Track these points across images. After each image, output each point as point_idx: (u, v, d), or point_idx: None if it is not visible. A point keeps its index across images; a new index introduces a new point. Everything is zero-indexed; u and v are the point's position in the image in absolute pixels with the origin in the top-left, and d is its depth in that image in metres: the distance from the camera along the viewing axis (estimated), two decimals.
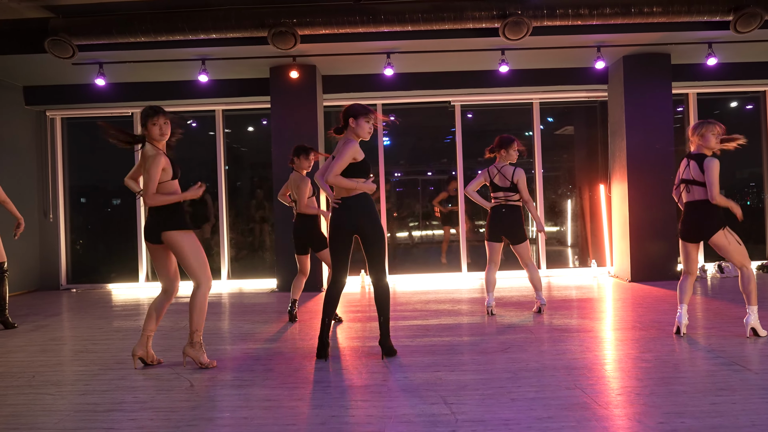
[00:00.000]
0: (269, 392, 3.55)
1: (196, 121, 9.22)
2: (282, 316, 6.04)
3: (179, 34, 6.37)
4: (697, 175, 4.49)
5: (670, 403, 3.13)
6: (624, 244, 7.84)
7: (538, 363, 3.98)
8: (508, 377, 3.69)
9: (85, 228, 9.16)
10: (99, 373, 4.10)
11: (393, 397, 3.40)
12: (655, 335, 4.69)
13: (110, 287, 8.72)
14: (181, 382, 3.81)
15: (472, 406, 3.18)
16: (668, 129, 7.70)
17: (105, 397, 3.54)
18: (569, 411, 3.06)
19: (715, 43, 7.21)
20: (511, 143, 5.61)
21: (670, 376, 3.61)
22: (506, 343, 4.57)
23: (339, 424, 2.99)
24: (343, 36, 6.77)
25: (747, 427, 2.77)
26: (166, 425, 3.05)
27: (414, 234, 9.61)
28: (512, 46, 6.96)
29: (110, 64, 7.34)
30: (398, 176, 9.63)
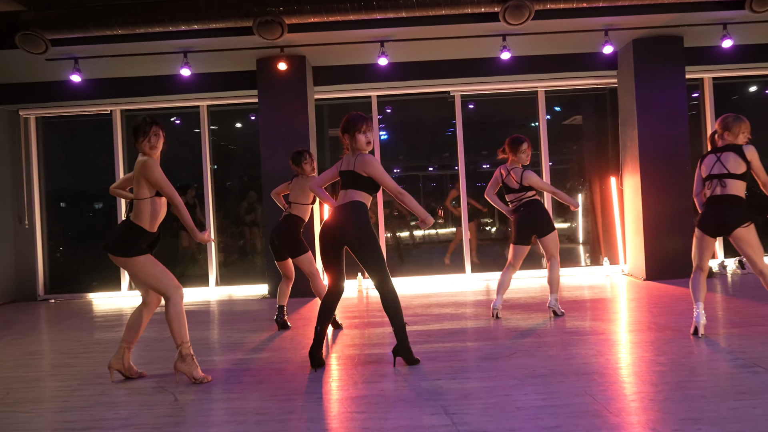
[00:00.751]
0: (259, 405, 3.55)
1: (180, 118, 9.22)
2: (274, 324, 6.03)
3: (159, 26, 6.36)
4: (733, 167, 4.47)
5: (686, 409, 3.12)
6: (638, 240, 7.83)
7: (546, 368, 3.98)
8: (513, 384, 3.68)
9: (64, 234, 9.16)
10: (78, 388, 4.10)
11: (391, 407, 3.40)
12: (670, 337, 4.69)
13: (91, 297, 8.72)
14: (165, 396, 3.81)
15: (474, 416, 3.18)
16: (682, 116, 7.68)
17: (84, 414, 3.54)
18: (579, 419, 3.06)
19: (730, 24, 7.19)
20: (519, 145, 5.65)
21: (686, 379, 3.61)
22: (512, 348, 4.57)
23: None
24: (333, 24, 6.76)
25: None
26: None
27: (416, 234, 9.60)
28: (514, 31, 6.95)
29: (86, 59, 7.32)
30: (397, 172, 9.63)
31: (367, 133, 4.20)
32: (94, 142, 9.05)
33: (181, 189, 8.89)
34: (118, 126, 8.74)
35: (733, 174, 4.48)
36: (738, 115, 4.62)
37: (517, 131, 9.39)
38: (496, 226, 9.69)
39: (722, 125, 4.61)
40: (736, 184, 4.49)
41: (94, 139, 9.02)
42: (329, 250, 4.21)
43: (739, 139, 4.56)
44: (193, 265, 8.99)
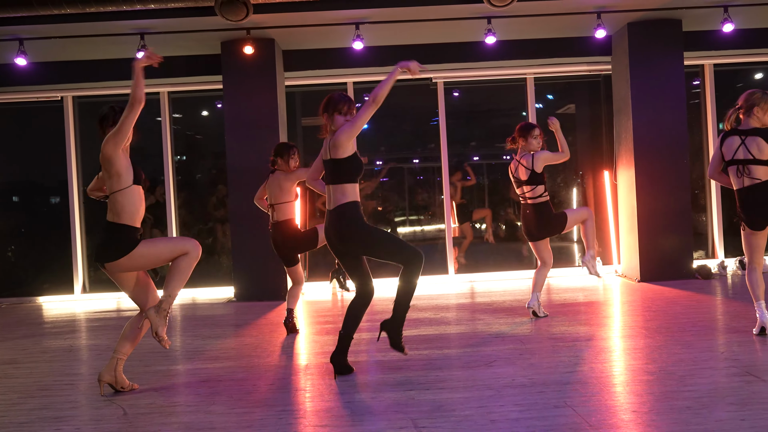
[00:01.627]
0: (214, 419, 3.54)
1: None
2: (239, 330, 6.01)
3: (111, 5, 6.30)
4: (758, 153, 4.54)
5: (671, 421, 3.16)
6: (632, 239, 7.90)
7: (526, 378, 4.01)
8: (490, 395, 3.71)
9: (14, 231, 9.04)
10: (18, 402, 4.06)
11: (356, 421, 3.41)
12: (661, 343, 4.74)
13: (41, 301, 8.63)
14: (113, 410, 3.79)
15: (445, 430, 3.19)
16: (681, 105, 7.76)
17: (22, 430, 3.51)
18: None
19: (731, 6, 7.26)
20: (531, 130, 5.75)
21: (674, 390, 3.65)
22: (492, 356, 4.59)
23: None
24: (304, 5, 6.74)
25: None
26: None
27: (399, 231, 9.60)
28: (499, 13, 6.97)
29: (33, 40, 7.24)
30: (380, 164, 9.62)
31: (347, 115, 4.20)
32: (46, 131, 8.95)
33: (150, 186, 8.84)
34: (70, 113, 8.64)
35: (759, 160, 4.54)
36: (766, 90, 4.64)
37: (505, 121, 9.52)
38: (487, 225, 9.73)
39: (749, 101, 4.61)
40: (761, 170, 4.56)
41: (46, 127, 8.92)
42: (343, 258, 4.29)
43: (766, 118, 4.59)
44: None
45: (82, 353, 5.50)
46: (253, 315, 6.83)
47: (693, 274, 7.75)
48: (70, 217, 8.66)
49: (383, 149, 9.81)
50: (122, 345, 4.09)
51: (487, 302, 6.95)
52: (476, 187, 9.59)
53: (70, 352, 5.51)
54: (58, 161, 8.66)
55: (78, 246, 8.66)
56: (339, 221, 4.16)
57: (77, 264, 8.66)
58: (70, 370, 4.83)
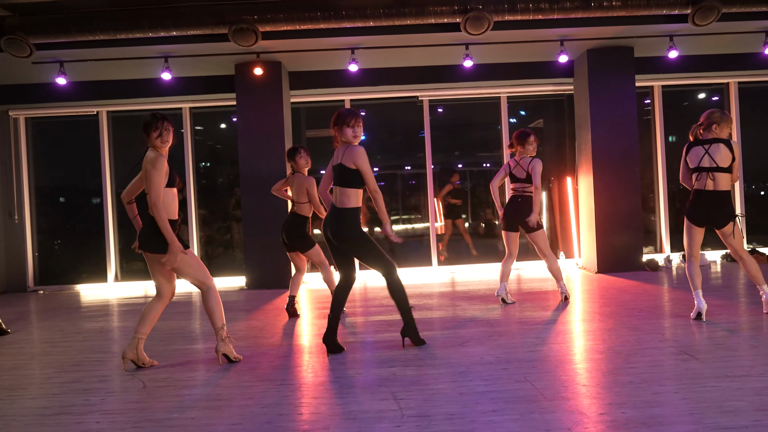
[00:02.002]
0: (222, 391, 3.55)
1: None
2: (248, 315, 6.01)
3: (139, 32, 6.29)
4: (721, 161, 4.61)
5: (614, 394, 3.17)
6: (590, 236, 7.92)
7: (493, 357, 4.01)
8: (460, 371, 3.71)
9: (53, 228, 9.03)
10: (53, 376, 4.06)
11: (344, 393, 3.41)
12: (612, 326, 4.75)
13: (78, 288, 8.62)
14: (134, 383, 3.79)
15: (420, 402, 3.20)
16: (632, 122, 7.77)
17: (55, 401, 3.51)
18: (515, 404, 3.09)
19: (676, 36, 7.28)
20: (527, 137, 5.72)
21: (619, 366, 3.66)
22: (465, 338, 4.60)
23: (285, 422, 3.00)
24: (306, 32, 6.74)
25: (684, 416, 2.83)
26: (111, 427, 3.04)
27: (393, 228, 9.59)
28: (475, 40, 6.98)
29: (71, 62, 7.23)
30: (377, 171, 9.60)
31: (355, 127, 4.19)
32: (82, 142, 8.93)
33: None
34: (105, 126, 8.64)
35: (721, 168, 4.60)
36: (723, 110, 4.79)
37: (483, 134, 9.53)
38: (469, 222, 9.71)
39: (710, 119, 4.69)
40: (724, 178, 4.63)
41: (82, 138, 8.90)
42: (332, 248, 4.30)
43: (724, 133, 4.66)
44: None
45: (113, 334, 5.49)
46: (261, 301, 6.83)
47: (643, 267, 7.77)
48: (104, 215, 8.66)
49: (379, 157, 9.80)
50: (142, 325, 4.09)
51: (465, 290, 6.96)
52: (462, 191, 9.60)
53: (101, 332, 5.51)
54: (89, 167, 8.66)
55: (111, 240, 8.65)
56: (338, 221, 4.16)
57: (110, 256, 8.65)
58: (100, 349, 4.83)
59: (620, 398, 3.11)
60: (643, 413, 2.88)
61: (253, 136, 7.65)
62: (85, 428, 3.04)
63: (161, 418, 3.13)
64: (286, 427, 2.93)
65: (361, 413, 3.07)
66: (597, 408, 2.99)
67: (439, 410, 3.06)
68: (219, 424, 3.02)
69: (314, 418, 3.05)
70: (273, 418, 3.07)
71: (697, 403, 2.97)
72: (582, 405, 3.04)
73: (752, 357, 3.73)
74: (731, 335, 4.30)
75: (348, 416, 3.04)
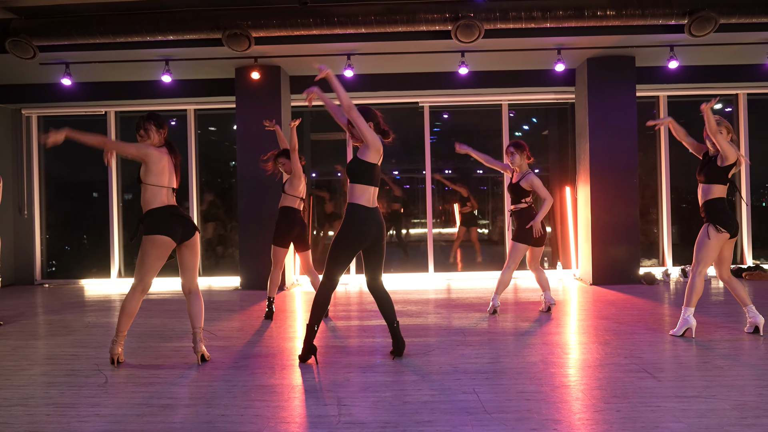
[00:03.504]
0: (176, 390, 3.62)
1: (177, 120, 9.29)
2: (231, 315, 6.10)
3: (137, 36, 6.45)
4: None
5: (555, 411, 3.15)
6: (587, 247, 7.82)
7: (451, 366, 4.01)
8: (413, 380, 3.72)
9: (61, 224, 9.29)
10: (26, 368, 4.19)
11: (291, 397, 3.45)
12: (584, 340, 4.70)
13: (83, 283, 8.86)
14: (98, 378, 3.89)
15: (362, 408, 3.22)
16: (632, 132, 7.65)
17: (18, 392, 3.63)
18: (452, 415, 3.09)
19: (677, 46, 7.15)
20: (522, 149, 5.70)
21: (572, 382, 3.62)
22: (432, 346, 4.60)
23: (223, 423, 3.05)
24: (303, 38, 6.81)
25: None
26: (58, 420, 3.13)
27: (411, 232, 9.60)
28: (469, 48, 6.96)
29: (76, 64, 7.45)
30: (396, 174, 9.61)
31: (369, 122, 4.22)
32: None
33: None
34: (113, 126, 8.87)
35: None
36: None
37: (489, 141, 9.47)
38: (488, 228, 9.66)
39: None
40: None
41: None
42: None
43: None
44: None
45: (98, 330, 5.60)
46: (251, 302, 6.92)
47: (639, 280, 7.64)
48: (109, 212, 8.88)
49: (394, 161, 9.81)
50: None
51: (455, 298, 6.94)
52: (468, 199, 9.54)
53: (86, 327, 5.64)
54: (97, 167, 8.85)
55: (115, 236, 8.86)
56: (344, 215, 4.17)
57: (114, 252, 8.86)
58: (80, 344, 4.93)
59: (559, 415, 3.08)
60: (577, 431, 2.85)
61: (252, 139, 7.76)
62: (33, 420, 3.14)
63: (108, 414, 3.22)
64: (223, 428, 2.98)
65: (299, 417, 3.11)
66: (532, 424, 2.96)
67: (376, 418, 3.07)
68: (162, 422, 3.08)
69: (253, 420, 3.10)
70: (213, 418, 3.13)
71: (634, 423, 2.93)
72: (517, 419, 3.02)
73: (710, 378, 3.65)
74: (700, 354, 4.21)
75: (283, 420, 3.08)
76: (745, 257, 8.53)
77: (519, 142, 5.71)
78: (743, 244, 8.56)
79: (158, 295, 7.70)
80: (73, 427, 3.03)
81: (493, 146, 8.95)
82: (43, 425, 3.07)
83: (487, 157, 5.85)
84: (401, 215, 9.38)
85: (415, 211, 9.41)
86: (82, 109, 8.77)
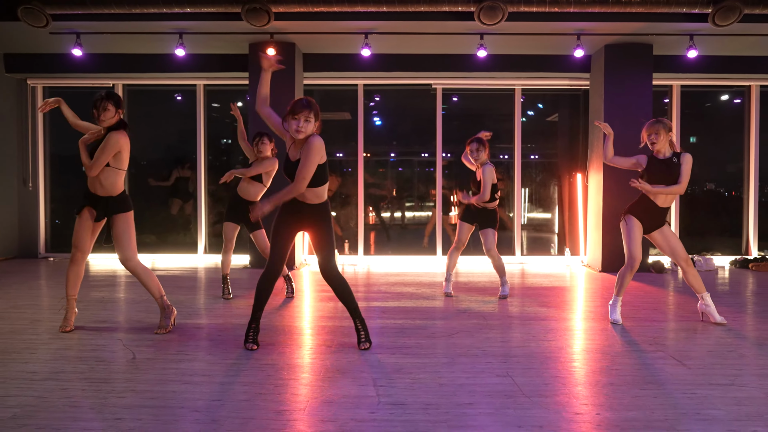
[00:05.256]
0: (207, 367, 3.60)
1: (182, 95, 9.17)
2: (246, 292, 6.08)
3: (153, 7, 6.31)
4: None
5: (593, 395, 3.16)
6: (597, 235, 7.84)
7: (480, 350, 4.02)
8: (444, 362, 3.73)
9: (66, 197, 9.17)
10: (49, 341, 4.16)
11: (326, 377, 3.44)
12: (604, 326, 4.72)
13: (88, 257, 8.75)
14: (125, 354, 3.86)
15: (399, 390, 3.22)
16: (647, 120, 7.60)
17: (45, 366, 3.59)
18: (491, 398, 3.10)
19: (696, 36, 7.12)
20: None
21: (604, 367, 3.65)
22: (456, 329, 4.61)
23: (264, 402, 3.04)
24: (320, 14, 6.71)
25: (659, 421, 2.81)
26: (94, 396, 3.11)
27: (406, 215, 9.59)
28: (489, 30, 6.89)
29: (88, 34, 7.29)
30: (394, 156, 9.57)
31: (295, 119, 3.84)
32: None
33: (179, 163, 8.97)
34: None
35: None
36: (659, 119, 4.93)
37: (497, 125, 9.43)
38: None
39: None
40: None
41: None
42: None
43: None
44: (184, 234, 9.03)
45: (113, 304, 5.58)
46: None
47: (648, 268, 7.69)
48: None
49: (394, 143, 9.76)
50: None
51: (465, 282, 6.95)
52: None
53: (101, 302, 5.61)
54: None
55: None
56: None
57: None
58: (98, 318, 4.91)
59: (598, 399, 3.10)
60: (618, 416, 2.87)
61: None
62: (69, 395, 3.11)
63: (144, 390, 3.20)
64: (264, 407, 2.97)
65: (339, 398, 3.10)
66: (573, 408, 2.98)
67: (416, 399, 3.08)
68: (198, 399, 3.07)
69: (293, 399, 3.09)
70: (252, 396, 3.11)
71: (674, 409, 2.96)
72: (558, 404, 3.04)
73: (740, 366, 3.69)
74: (723, 342, 4.25)
75: (325, 400, 3.07)
76: (750, 249, 8.61)
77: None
78: (749, 235, 8.64)
79: (167, 271, 7.66)
80: (112, 402, 3.01)
81: (505, 131, 8.93)
82: (80, 400, 3.05)
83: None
84: (380, 198, 9.31)
85: (407, 195, 9.40)
86: (89, 81, 8.61)
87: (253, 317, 4.06)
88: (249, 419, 2.81)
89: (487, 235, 5.67)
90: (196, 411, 2.91)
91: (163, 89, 8.91)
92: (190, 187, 8.93)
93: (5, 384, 3.28)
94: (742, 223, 8.75)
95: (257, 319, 4.06)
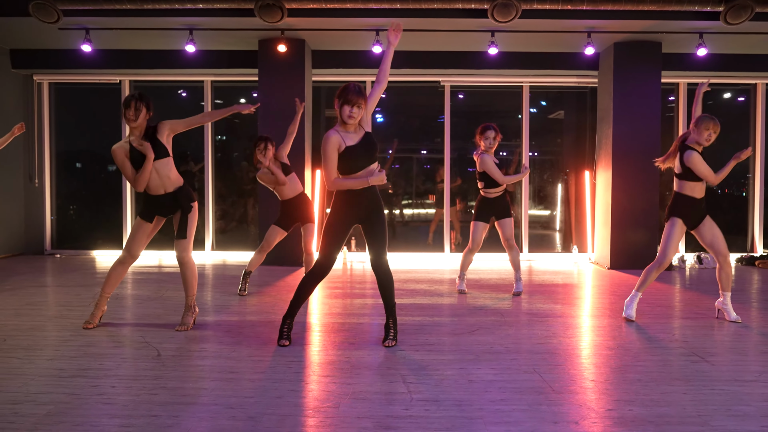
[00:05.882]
0: (234, 364, 3.60)
1: (187, 92, 9.15)
2: (260, 289, 6.08)
3: (165, 3, 6.29)
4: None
5: (622, 391, 3.19)
6: (605, 231, 7.88)
7: (502, 346, 4.04)
8: (470, 359, 3.74)
9: (72, 194, 9.14)
10: (70, 338, 4.15)
11: (354, 374, 3.45)
12: (622, 323, 4.75)
13: (94, 254, 8.74)
14: (148, 351, 3.86)
15: (429, 386, 3.23)
16: (655, 118, 7.68)
17: (72, 363, 3.59)
18: (523, 394, 3.12)
19: (706, 34, 7.16)
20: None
21: (628, 364, 3.67)
22: (475, 326, 4.62)
23: (295, 398, 3.05)
24: (331, 11, 6.70)
25: (692, 417, 2.84)
26: (127, 392, 3.10)
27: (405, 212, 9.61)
28: (502, 28, 6.90)
29: (97, 30, 7.25)
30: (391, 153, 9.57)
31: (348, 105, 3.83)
32: (104, 110, 8.99)
33: (193, 161, 8.94)
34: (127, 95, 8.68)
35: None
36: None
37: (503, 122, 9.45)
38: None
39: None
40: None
41: (104, 106, 8.96)
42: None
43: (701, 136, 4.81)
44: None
45: (125, 301, 5.57)
46: (273, 278, 6.90)
47: None
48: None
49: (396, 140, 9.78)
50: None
51: (476, 279, 6.97)
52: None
53: (114, 299, 5.59)
54: (109, 135, 8.71)
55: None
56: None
57: (127, 223, 8.75)
58: (113, 315, 4.90)
59: (628, 395, 3.12)
60: (651, 412, 2.89)
61: (274, 113, 7.66)
62: (100, 391, 3.11)
63: (175, 387, 3.20)
64: (297, 403, 2.98)
65: (371, 394, 3.11)
66: (604, 403, 3.00)
67: (448, 396, 3.09)
68: (231, 396, 3.07)
69: (324, 396, 3.10)
70: (284, 393, 3.12)
71: (705, 405, 2.98)
72: (589, 399, 3.06)
73: (763, 362, 3.72)
74: (742, 339, 4.28)
75: (358, 396, 3.08)
76: (756, 246, 8.68)
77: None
78: (755, 233, 8.70)
79: (175, 269, 7.63)
80: (144, 399, 3.01)
81: (509, 127, 8.95)
82: (113, 396, 3.05)
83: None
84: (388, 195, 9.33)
85: (405, 192, 9.41)
86: (95, 77, 8.58)
87: (289, 313, 4.06)
88: (285, 416, 2.82)
89: (506, 225, 5.72)
90: (231, 408, 2.91)
91: (168, 85, 8.88)
92: (195, 183, 8.89)
93: (35, 381, 3.27)
94: (748, 221, 8.81)
95: (293, 315, 4.07)
